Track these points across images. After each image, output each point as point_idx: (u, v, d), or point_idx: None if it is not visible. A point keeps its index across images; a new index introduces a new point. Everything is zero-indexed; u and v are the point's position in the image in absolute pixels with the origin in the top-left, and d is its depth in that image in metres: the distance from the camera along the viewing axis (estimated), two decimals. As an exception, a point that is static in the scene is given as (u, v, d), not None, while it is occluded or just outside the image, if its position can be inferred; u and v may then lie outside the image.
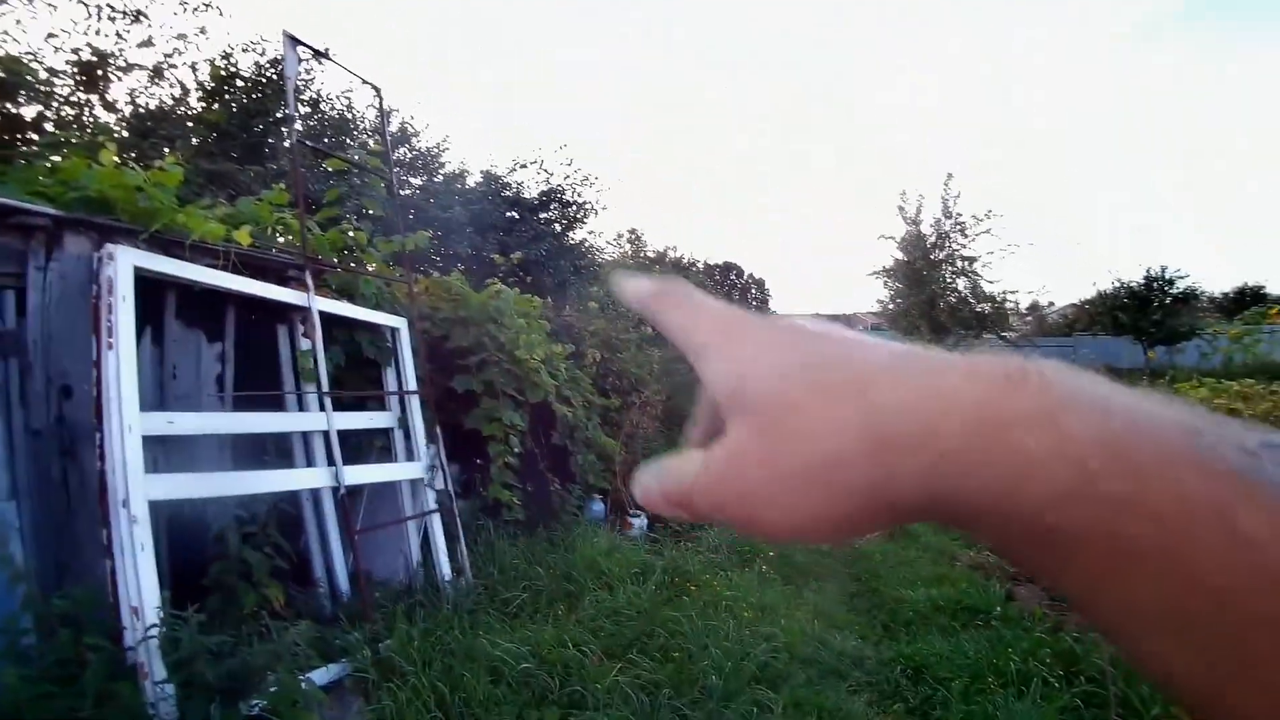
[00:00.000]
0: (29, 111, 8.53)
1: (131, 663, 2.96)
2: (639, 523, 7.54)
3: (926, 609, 5.55)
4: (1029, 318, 40.22)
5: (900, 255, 27.94)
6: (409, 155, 15.06)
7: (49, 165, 3.83)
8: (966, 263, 26.81)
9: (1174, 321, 27.85)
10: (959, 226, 26.70)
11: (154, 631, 2.99)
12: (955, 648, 4.75)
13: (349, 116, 14.98)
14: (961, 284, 27.08)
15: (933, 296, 26.59)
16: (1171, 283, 28.76)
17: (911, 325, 27.32)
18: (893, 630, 5.31)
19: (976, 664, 4.48)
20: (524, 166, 14.65)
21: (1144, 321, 28.19)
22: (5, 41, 9.09)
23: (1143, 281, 29.01)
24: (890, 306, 29.24)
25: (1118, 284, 29.66)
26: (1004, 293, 27.02)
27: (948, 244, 26.90)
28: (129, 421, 3.22)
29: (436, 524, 5.11)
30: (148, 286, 3.58)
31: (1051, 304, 44.11)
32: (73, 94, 9.23)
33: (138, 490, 3.17)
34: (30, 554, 3.13)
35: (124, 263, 3.34)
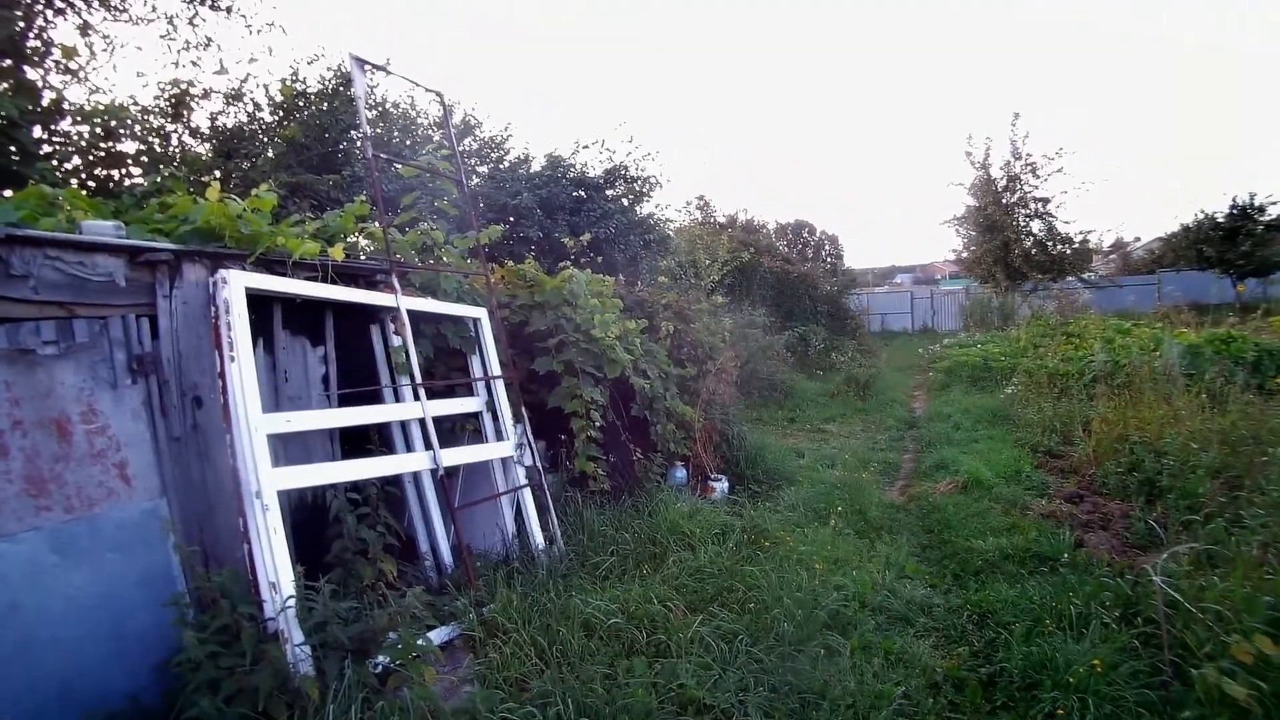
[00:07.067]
0: (129, 147, 9.26)
1: (273, 630, 3.45)
2: (720, 487, 7.81)
3: (995, 558, 5.67)
4: (1112, 256, 38.75)
5: (971, 201, 27.37)
6: (474, 145, 15.52)
7: (160, 203, 4.29)
8: (1040, 204, 26.10)
9: (1265, 252, 26.52)
10: (1030, 167, 26.00)
11: (291, 602, 3.47)
12: (1020, 594, 4.91)
13: (413, 115, 15.55)
14: (1036, 227, 26.37)
15: (1006, 242, 25.95)
16: (1262, 210, 27.39)
17: (987, 272, 26.78)
18: (962, 579, 5.49)
19: (1040, 608, 4.63)
20: (586, 148, 14.91)
21: (1231, 254, 26.91)
22: (101, 91, 9.88)
23: (1229, 211, 27.68)
24: (964, 255, 28.68)
25: (1201, 215, 28.40)
26: (1082, 232, 26.19)
27: (1019, 187, 26.22)
28: (254, 423, 3.70)
29: (528, 497, 5.55)
30: (256, 302, 4.07)
31: (1138, 239, 42.31)
32: (162, 126, 9.95)
33: (267, 482, 3.66)
34: (181, 543, 3.62)
35: (236, 285, 3.81)
